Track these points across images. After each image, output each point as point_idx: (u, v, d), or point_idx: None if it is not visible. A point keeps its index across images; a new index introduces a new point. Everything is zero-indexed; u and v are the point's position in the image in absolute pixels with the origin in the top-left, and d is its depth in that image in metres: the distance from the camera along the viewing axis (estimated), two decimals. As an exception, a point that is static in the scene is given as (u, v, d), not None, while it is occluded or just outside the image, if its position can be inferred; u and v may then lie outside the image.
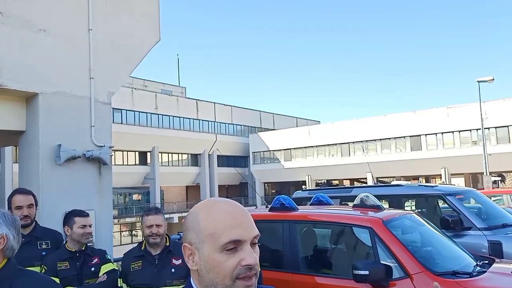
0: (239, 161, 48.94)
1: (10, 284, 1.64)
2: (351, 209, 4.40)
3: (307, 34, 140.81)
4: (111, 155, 5.39)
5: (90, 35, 5.32)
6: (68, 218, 3.25)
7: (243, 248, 1.03)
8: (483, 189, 19.01)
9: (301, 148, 42.72)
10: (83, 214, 3.27)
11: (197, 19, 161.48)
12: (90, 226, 3.26)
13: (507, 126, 31.22)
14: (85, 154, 5.07)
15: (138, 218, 34.49)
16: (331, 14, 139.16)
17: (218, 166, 45.48)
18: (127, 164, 39.04)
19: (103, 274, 3.19)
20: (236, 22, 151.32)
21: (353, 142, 39.11)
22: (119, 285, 3.18)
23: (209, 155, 45.09)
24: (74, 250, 3.18)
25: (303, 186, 40.09)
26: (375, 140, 37.77)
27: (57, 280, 2.96)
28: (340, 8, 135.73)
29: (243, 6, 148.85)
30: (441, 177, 35.01)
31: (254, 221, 1.09)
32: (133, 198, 40.88)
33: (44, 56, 4.95)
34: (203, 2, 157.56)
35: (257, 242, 1.08)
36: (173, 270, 3.02)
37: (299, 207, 4.60)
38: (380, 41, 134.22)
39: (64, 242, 3.29)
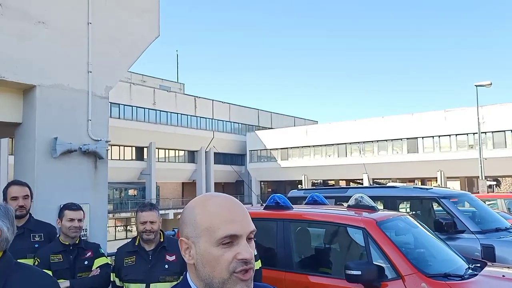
0: (236, 159, 48.94)
1: (6, 278, 1.59)
2: (346, 210, 4.41)
3: (307, 33, 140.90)
4: (107, 150, 5.38)
5: (89, 29, 5.31)
6: (61, 210, 3.25)
7: (239, 243, 1.04)
8: (478, 193, 19.12)
9: (298, 147, 42.74)
10: (72, 207, 3.22)
11: (198, 15, 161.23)
12: (79, 220, 3.20)
13: (504, 131, 31.34)
14: (81, 148, 5.06)
15: (133, 213, 34.42)
16: (331, 14, 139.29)
17: (214, 163, 45.47)
18: (124, 159, 38.98)
19: (96, 268, 3.19)
20: (236, 19, 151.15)
21: (350, 143, 39.16)
22: (111, 279, 3.17)
23: (206, 152, 45.06)
24: (67, 243, 3.17)
25: (298, 186, 40.12)
26: (372, 141, 37.83)
27: (49, 272, 2.96)
28: (340, 8, 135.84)
29: (242, 3, 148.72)
30: (437, 180, 35.14)
31: None
32: (129, 193, 40.84)
33: (42, 48, 4.93)
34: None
35: (253, 237, 1.09)
36: (166, 266, 3.01)
37: (294, 206, 4.61)
38: (379, 43, 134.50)
39: (58, 235, 3.28)
